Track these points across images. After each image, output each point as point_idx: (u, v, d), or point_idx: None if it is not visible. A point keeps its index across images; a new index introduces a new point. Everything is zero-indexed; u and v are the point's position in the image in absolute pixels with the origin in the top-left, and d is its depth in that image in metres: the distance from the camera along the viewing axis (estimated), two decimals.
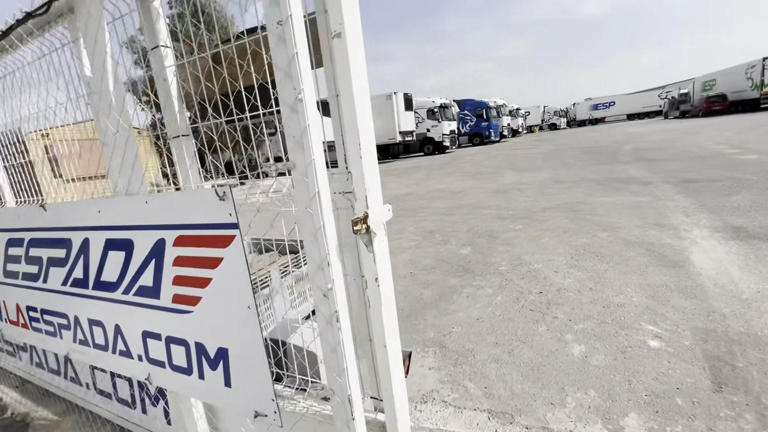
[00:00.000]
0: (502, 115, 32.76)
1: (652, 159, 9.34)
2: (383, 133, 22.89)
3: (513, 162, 12.86)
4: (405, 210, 6.77)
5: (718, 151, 9.26)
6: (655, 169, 7.76)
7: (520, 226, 4.79)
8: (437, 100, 24.52)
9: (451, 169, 13.27)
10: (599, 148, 14.26)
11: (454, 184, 9.34)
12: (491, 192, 7.52)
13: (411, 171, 14.41)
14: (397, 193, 9.06)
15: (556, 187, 7.20)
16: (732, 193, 5.07)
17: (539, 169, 10.04)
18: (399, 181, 11.52)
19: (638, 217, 4.53)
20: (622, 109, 56.85)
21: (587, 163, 10.23)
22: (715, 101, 31.86)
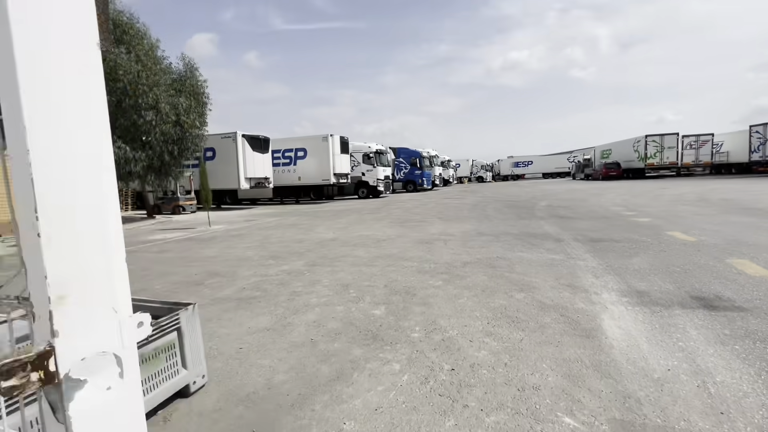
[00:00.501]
0: (435, 165, 34.52)
1: (564, 216, 10.04)
2: (317, 174, 22.57)
3: (441, 211, 13.13)
4: (324, 259, 6.24)
5: (617, 213, 10.25)
6: (567, 227, 8.24)
7: (439, 282, 4.51)
8: (373, 145, 25.10)
9: (381, 214, 13.16)
10: (519, 202, 15.26)
11: (382, 231, 9.09)
12: (416, 242, 7.33)
13: (342, 214, 14.05)
14: (322, 237, 8.53)
15: (478, 239, 7.24)
16: (632, 255, 5.37)
17: (465, 220, 10.25)
18: (327, 224, 11.03)
19: (553, 277, 4.51)
20: (539, 168, 63.63)
21: (508, 216, 10.71)
22: (612, 168, 36.91)
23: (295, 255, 6.66)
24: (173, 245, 8.63)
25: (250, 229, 10.94)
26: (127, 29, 12.62)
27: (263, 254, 6.89)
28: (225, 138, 19.69)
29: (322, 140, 22.16)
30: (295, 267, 5.72)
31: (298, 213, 15.69)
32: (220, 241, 8.77)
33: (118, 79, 12.56)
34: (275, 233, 9.64)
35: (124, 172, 12.93)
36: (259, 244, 8.03)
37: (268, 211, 18.15)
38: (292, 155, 23.08)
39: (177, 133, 13.21)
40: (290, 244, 7.91)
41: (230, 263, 6.27)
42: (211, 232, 10.59)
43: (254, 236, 9.33)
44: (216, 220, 14.10)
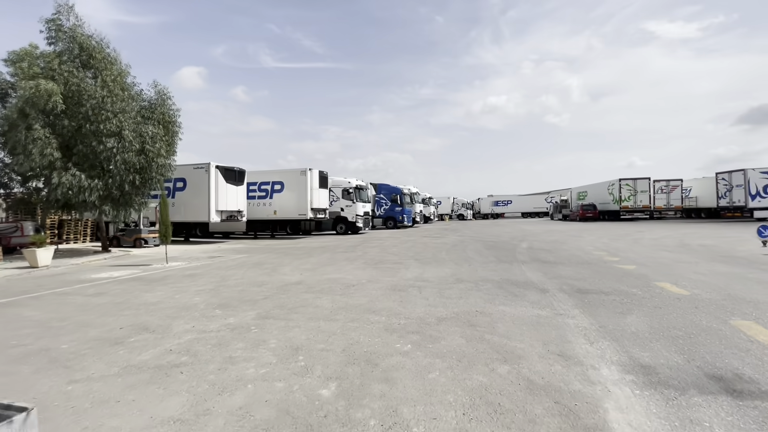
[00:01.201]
0: (416, 202, 34.34)
1: (546, 261, 9.56)
2: (294, 209, 21.83)
3: (419, 251, 12.51)
4: (280, 309, 5.42)
5: (600, 258, 9.86)
6: (550, 274, 7.71)
7: (408, 347, 3.78)
8: (353, 181, 24.71)
9: (356, 253, 12.42)
10: (499, 243, 14.83)
11: (353, 273, 8.33)
12: (389, 288, 6.61)
13: (315, 251, 13.23)
14: (286, 281, 7.70)
15: (456, 287, 6.58)
16: (626, 312, 4.80)
17: (443, 263, 9.63)
18: (296, 263, 10.20)
19: (540, 341, 3.85)
20: (518, 207, 64.67)
21: (488, 259, 10.16)
22: (588, 209, 37.64)
23: (248, 303, 5.81)
24: (114, 287, 7.60)
25: (209, 268, 9.98)
26: (95, 53, 12.06)
27: (212, 301, 6.00)
28: (197, 168, 18.88)
29: (300, 174, 21.63)
30: (243, 320, 4.88)
31: (269, 249, 14.77)
32: (171, 283, 7.81)
33: (81, 104, 11.85)
34: (236, 274, 8.73)
35: (76, 201, 11.89)
36: (213, 288, 7.13)
37: (237, 246, 17.12)
38: (268, 188, 22.36)
39: (140, 162, 12.38)
40: (248, 288, 7.04)
41: (169, 313, 5.36)
42: (164, 271, 9.57)
43: (211, 277, 8.40)
44: (177, 256, 13.02)
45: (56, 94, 11.10)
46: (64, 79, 11.56)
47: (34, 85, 10.89)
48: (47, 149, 11.18)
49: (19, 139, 11.19)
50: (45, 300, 6.56)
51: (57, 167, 11.59)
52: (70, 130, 11.95)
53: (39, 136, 11.13)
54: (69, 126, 11.88)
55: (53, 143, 11.38)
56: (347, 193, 24.42)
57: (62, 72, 11.49)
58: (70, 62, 11.88)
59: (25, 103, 11.08)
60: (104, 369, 3.45)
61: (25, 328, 4.83)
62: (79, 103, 11.87)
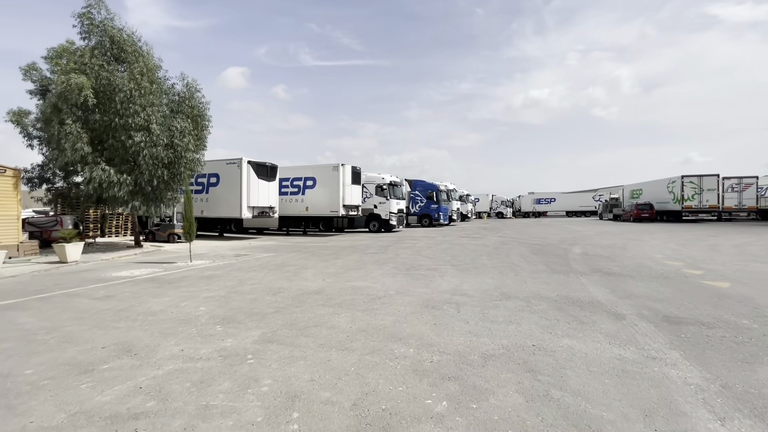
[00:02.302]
0: (452, 200, 32.81)
1: (610, 272, 8.07)
2: (326, 205, 21.23)
3: (456, 255, 11.32)
4: (290, 329, 4.55)
5: (677, 270, 8.22)
6: (619, 290, 6.32)
7: (443, 405, 2.74)
8: (387, 177, 23.74)
9: (387, 255, 11.45)
10: (547, 247, 13.28)
11: (381, 281, 7.36)
12: (420, 304, 5.57)
13: (343, 252, 12.41)
14: (305, 288, 6.87)
15: (503, 306, 5.41)
16: (750, 359, 3.46)
17: (484, 271, 8.42)
18: (321, 265, 9.39)
19: (638, 408, 2.67)
20: (562, 206, 60.91)
21: (538, 267, 8.82)
22: (644, 209, 34.32)
23: (255, 318, 4.99)
24: (126, 288, 7.11)
25: (231, 268, 9.39)
26: (125, 47, 11.88)
27: (217, 313, 5.25)
28: (230, 164, 18.71)
29: (333, 169, 20.96)
30: (242, 343, 4.04)
31: (297, 248, 14.15)
32: (184, 286, 7.22)
33: (112, 98, 11.71)
34: (254, 277, 8.04)
35: (107, 195, 11.80)
36: (225, 295, 6.42)
37: (267, 243, 16.71)
38: (300, 184, 21.91)
39: (169, 156, 12.10)
40: (261, 297, 6.26)
41: (165, 327, 4.64)
42: (185, 270, 9.09)
43: (228, 280, 7.75)
44: (204, 253, 12.69)
45: (87, 88, 10.97)
46: (95, 73, 11.44)
47: (65, 79, 10.81)
48: (78, 143, 11.11)
49: (53, 134, 11.21)
50: (51, 302, 6.13)
51: (89, 162, 11.52)
52: (102, 124, 11.85)
53: (71, 131, 11.07)
54: (101, 120, 11.79)
55: (84, 138, 11.30)
56: (381, 190, 23.51)
57: (93, 66, 11.37)
58: (101, 56, 11.76)
59: (58, 98, 11.05)
60: (48, 415, 2.69)
61: (7, 341, 4.28)
62: (110, 97, 11.73)
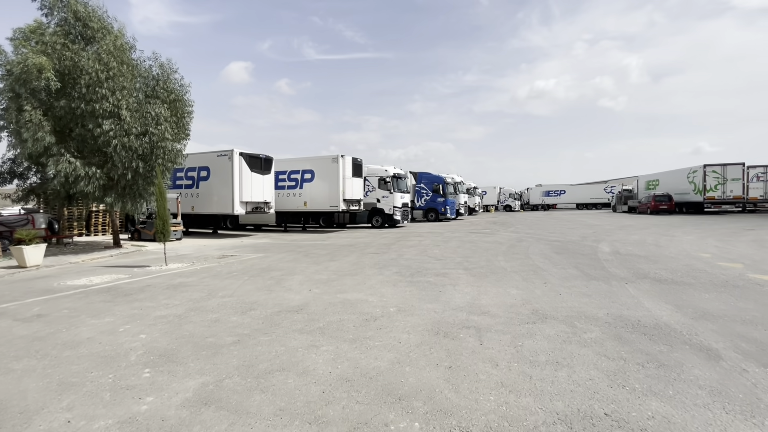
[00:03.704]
0: (459, 192, 31.31)
1: (660, 279, 6.63)
2: (325, 200, 19.88)
3: (468, 255, 9.92)
4: (244, 376, 3.21)
5: (740, 275, 6.76)
6: (686, 306, 4.90)
7: None
8: (390, 169, 22.29)
9: (389, 255, 10.08)
10: (569, 245, 11.82)
11: (379, 292, 6.00)
12: (428, 330, 4.20)
13: (341, 251, 11.07)
14: (286, 303, 5.54)
15: (539, 333, 4.03)
16: None
17: (504, 277, 7.03)
18: (312, 269, 8.05)
19: None
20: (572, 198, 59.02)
21: (568, 271, 7.40)
22: (662, 200, 32.53)
23: (204, 354, 3.67)
24: (67, 304, 5.83)
25: (207, 274, 8.09)
26: (89, 22, 10.51)
27: (157, 346, 3.93)
28: (221, 156, 17.40)
29: (332, 161, 19.58)
30: (163, 408, 2.71)
31: (291, 247, 12.83)
32: (140, 300, 5.92)
33: (78, 82, 10.39)
34: (229, 287, 6.72)
35: (74, 191, 10.55)
36: (182, 313, 5.11)
37: (260, 242, 15.43)
38: (298, 177, 20.56)
39: (144, 147, 10.78)
40: (227, 316, 4.94)
41: (72, 372, 3.33)
42: (152, 277, 7.80)
43: (196, 290, 6.44)
44: (187, 254, 11.43)
45: (47, 69, 9.65)
46: (58, 53, 10.11)
47: (21, 59, 9.50)
48: (39, 133, 9.83)
49: (11, 122, 9.94)
50: None
51: (53, 153, 10.25)
52: (68, 111, 10.55)
53: (30, 119, 9.79)
54: (67, 107, 10.48)
55: (46, 126, 10.01)
56: (384, 183, 22.10)
57: (54, 45, 10.03)
58: (64, 34, 10.43)
59: (15, 81, 9.76)
60: None
61: None
62: (76, 81, 10.41)
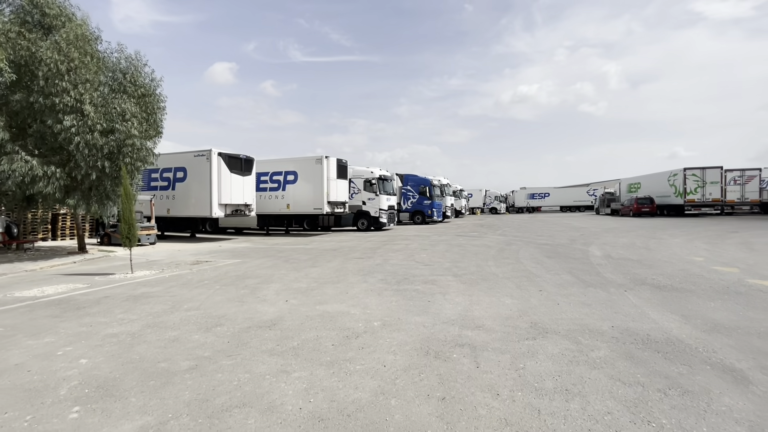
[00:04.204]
0: (446, 195, 31.04)
1: (659, 285, 6.30)
2: (309, 202, 19.23)
3: (457, 260, 9.48)
4: (195, 415, 2.64)
5: (739, 280, 6.49)
6: (694, 316, 4.54)
7: None
8: (376, 171, 21.80)
9: (374, 260, 9.56)
10: (559, 248, 11.53)
11: (363, 303, 5.48)
12: (417, 351, 3.70)
13: (324, 256, 10.49)
14: (259, 316, 4.96)
15: (542, 352, 3.58)
16: None
17: (496, 284, 6.59)
18: (292, 276, 7.46)
19: None
20: (556, 201, 59.64)
21: (562, 277, 7.02)
22: (644, 203, 32.95)
23: (152, 384, 3.07)
24: (6, 321, 5.10)
25: (174, 283, 7.41)
26: (47, 9, 9.69)
27: (98, 374, 3.32)
28: (198, 156, 16.60)
29: (316, 162, 18.96)
30: None
31: (271, 252, 12.19)
32: (92, 315, 5.24)
33: (36, 74, 9.56)
34: (196, 298, 6.09)
35: (31, 192, 9.69)
36: (137, 331, 4.48)
37: (239, 246, 14.70)
38: (280, 179, 19.86)
39: (110, 145, 10.00)
40: (188, 334, 4.33)
41: None
42: (113, 287, 7.09)
43: (159, 302, 5.79)
44: (158, 260, 10.67)
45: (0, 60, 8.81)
46: (12, 42, 9.27)
47: None
48: None
49: None
50: None
51: (7, 151, 9.38)
52: (25, 106, 9.70)
53: None
54: (23, 101, 9.63)
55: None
56: (370, 185, 21.59)
57: (7, 32, 9.19)
58: (20, 22, 9.60)
59: None
60: None
61: None
62: (34, 72, 9.58)
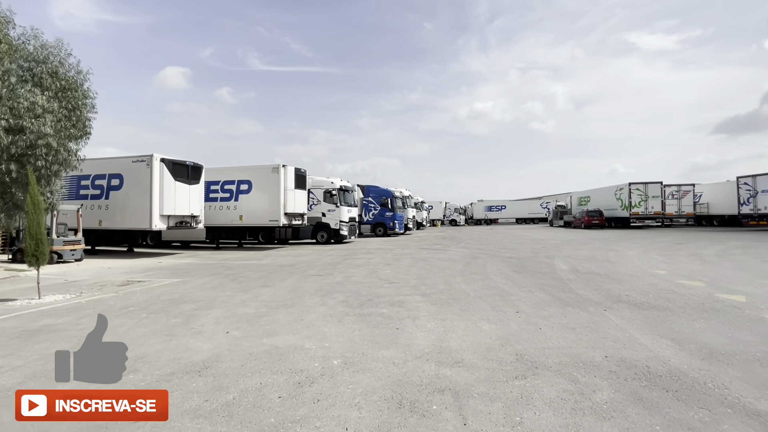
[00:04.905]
0: (408, 207, 30.76)
1: (635, 302, 6.00)
2: (265, 213, 17.97)
3: (424, 276, 8.86)
4: None
5: (709, 295, 6.36)
6: (684, 340, 4.16)
7: None
8: (337, 181, 20.96)
9: (334, 278, 8.71)
10: (525, 262, 11.29)
11: (320, 332, 4.63)
12: (387, 401, 2.94)
13: (278, 273, 9.46)
14: (188, 355, 3.96)
15: (536, 395, 2.95)
16: None
17: (469, 304, 6.00)
18: (238, 299, 6.41)
19: None
20: (512, 213, 61.70)
21: (536, 295, 6.57)
22: (594, 216, 34.59)
23: None
24: None
25: (89, 311, 6.13)
26: None
27: None
28: (138, 162, 14.93)
29: (272, 171, 17.81)
30: None
31: (218, 269, 10.93)
32: None
33: None
34: (115, 331, 4.92)
35: None
36: (16, 385, 3.35)
37: (183, 262, 13.21)
38: (233, 188, 18.46)
39: (18, 146, 8.43)
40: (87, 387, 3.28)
41: None
42: (6, 318, 5.70)
43: (60, 341, 4.59)
44: (81, 280, 9.11)
45: None
46: None
47: None
48: None
49: None
50: None
51: None
52: None
53: None
54: None
55: None
56: (330, 196, 20.68)
57: None
58: None
59: None
60: None
61: None
62: None
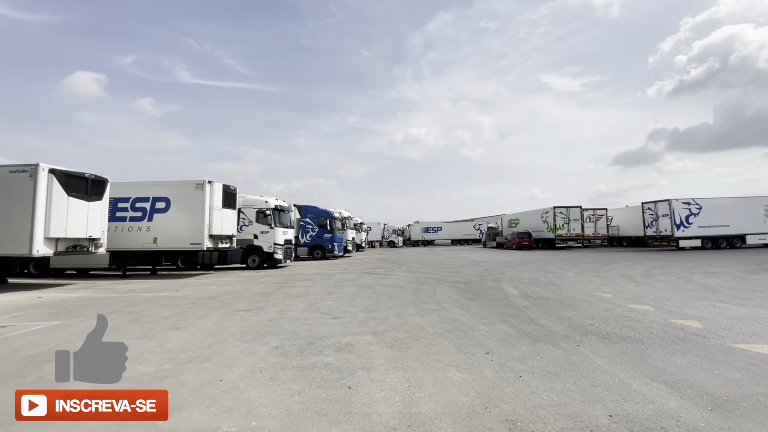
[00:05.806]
0: (348, 228, 29.71)
1: (601, 334, 5.60)
2: (185, 235, 15.71)
3: (371, 307, 7.86)
4: None
5: (666, 322, 6.23)
6: (675, 382, 3.67)
7: None
8: (271, 200, 19.28)
9: (267, 314, 7.33)
10: (472, 285, 10.85)
11: (247, 402, 3.39)
12: None
13: (194, 310, 7.77)
14: None
15: None
16: None
17: (431, 346, 5.12)
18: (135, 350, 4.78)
19: None
20: (448, 234, 63.52)
21: (499, 328, 5.92)
22: (524, 237, 36.55)
23: None
24: None
25: None
26: None
27: None
28: (17, 173, 12.12)
29: (195, 188, 15.77)
30: None
31: (118, 305, 8.87)
32: None
33: None
34: None
35: None
36: None
37: (71, 296, 10.71)
38: (146, 206, 15.97)
39: None
40: None
41: None
42: None
43: None
44: None
45: None
46: None
47: None
48: None
49: None
50: None
51: None
52: None
53: None
54: None
55: None
56: (263, 216, 18.90)
57: None
58: None
59: None
60: None
61: None
62: None
